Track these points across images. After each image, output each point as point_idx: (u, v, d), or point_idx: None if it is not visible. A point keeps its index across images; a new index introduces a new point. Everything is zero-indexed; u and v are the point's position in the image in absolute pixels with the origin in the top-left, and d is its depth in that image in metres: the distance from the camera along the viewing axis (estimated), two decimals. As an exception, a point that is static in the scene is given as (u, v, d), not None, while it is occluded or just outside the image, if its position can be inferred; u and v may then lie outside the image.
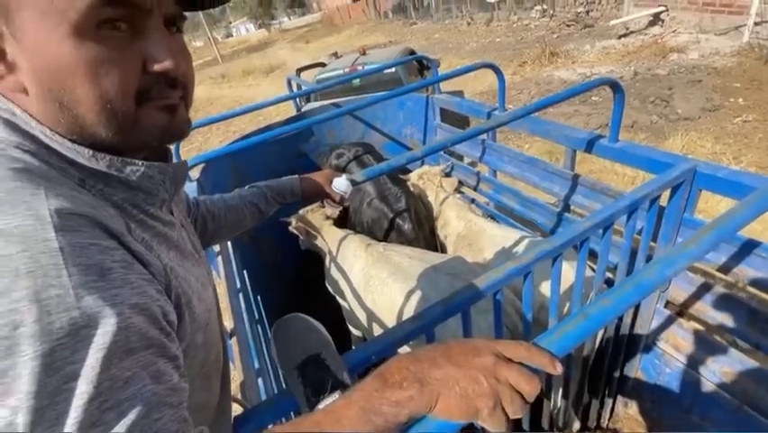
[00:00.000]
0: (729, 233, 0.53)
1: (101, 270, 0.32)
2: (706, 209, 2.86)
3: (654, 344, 1.37)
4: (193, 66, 0.48)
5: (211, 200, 0.82)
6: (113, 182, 0.41)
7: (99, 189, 0.40)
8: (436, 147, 1.07)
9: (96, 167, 0.40)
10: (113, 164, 0.40)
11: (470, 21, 14.27)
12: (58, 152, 0.38)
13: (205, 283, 0.51)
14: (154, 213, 0.46)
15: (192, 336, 0.44)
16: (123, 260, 0.35)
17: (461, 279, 1.32)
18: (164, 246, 0.45)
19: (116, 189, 0.41)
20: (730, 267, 1.06)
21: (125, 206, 0.42)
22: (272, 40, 29.41)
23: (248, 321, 1.32)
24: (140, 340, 0.33)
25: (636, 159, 1.21)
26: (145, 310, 0.34)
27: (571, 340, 0.41)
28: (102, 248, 0.33)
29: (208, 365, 0.50)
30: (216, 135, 7.42)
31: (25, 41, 0.35)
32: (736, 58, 5.43)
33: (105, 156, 0.40)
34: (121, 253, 0.35)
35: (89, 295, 0.30)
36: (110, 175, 0.41)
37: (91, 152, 0.39)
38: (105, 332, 0.30)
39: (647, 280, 0.45)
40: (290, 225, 1.92)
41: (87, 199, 0.36)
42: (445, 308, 0.79)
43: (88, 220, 0.34)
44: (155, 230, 0.45)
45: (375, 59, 4.41)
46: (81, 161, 0.39)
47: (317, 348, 0.65)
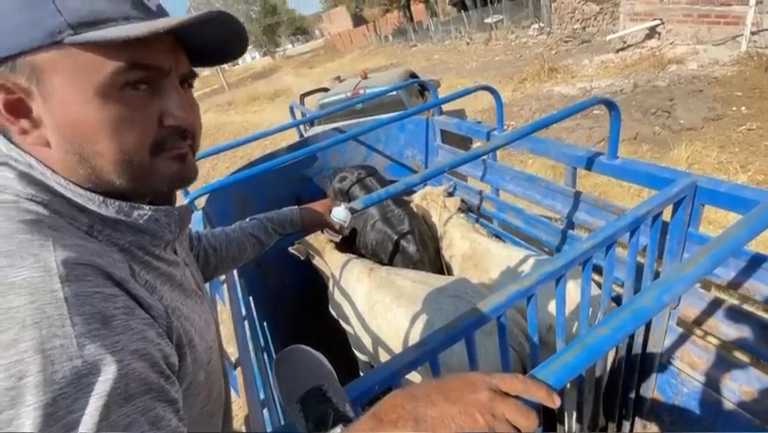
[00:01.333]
0: (727, 254, 0.52)
1: (104, 317, 0.33)
2: (717, 219, 2.82)
3: (670, 362, 1.33)
4: (200, 115, 0.51)
5: (212, 234, 0.83)
6: (120, 227, 0.43)
7: (107, 235, 0.42)
8: (433, 172, 1.08)
9: (105, 213, 0.42)
10: (121, 210, 0.43)
11: (469, 41, 14.60)
12: (70, 200, 0.41)
13: (207, 321, 0.52)
14: (159, 254, 0.48)
15: (194, 376, 0.45)
16: (126, 306, 0.36)
17: (465, 301, 1.31)
18: (168, 286, 0.47)
19: (124, 234, 0.44)
20: (740, 282, 1.04)
21: (132, 249, 0.44)
22: (277, 66, 30.29)
23: (253, 349, 1.31)
24: (139, 386, 0.33)
25: (636, 175, 1.21)
26: (145, 355, 0.35)
27: (569, 371, 0.41)
28: (105, 295, 0.35)
29: (210, 403, 0.51)
30: (224, 161, 7.57)
31: (53, 100, 0.38)
32: (735, 67, 5.46)
33: (115, 202, 0.43)
34: (123, 299, 0.36)
35: (92, 343, 0.32)
36: (118, 220, 0.43)
37: (102, 198, 0.42)
38: (106, 379, 0.31)
39: (645, 307, 0.44)
40: (291, 247, 1.94)
41: (93, 247, 0.38)
42: (448, 334, 0.78)
43: (93, 269, 0.35)
44: (159, 270, 0.47)
45: (377, 82, 4.51)
46: (92, 207, 0.41)
47: (319, 380, 0.64)
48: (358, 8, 30.21)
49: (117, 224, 0.43)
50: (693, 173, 1.07)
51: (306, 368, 0.64)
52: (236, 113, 14.28)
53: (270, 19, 39.99)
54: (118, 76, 0.39)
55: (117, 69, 0.39)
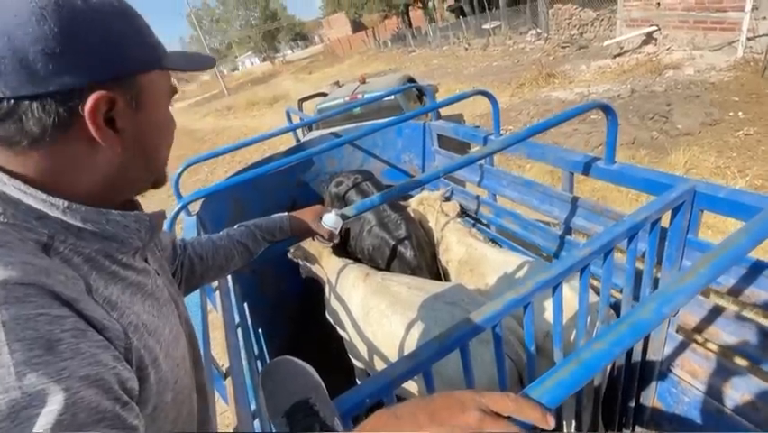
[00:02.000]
0: (729, 263, 0.50)
1: (48, 342, 0.31)
2: (715, 224, 2.80)
3: (670, 370, 1.31)
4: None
5: (199, 242, 0.81)
6: (85, 234, 0.41)
7: (70, 244, 0.40)
8: (429, 177, 1.06)
9: (69, 220, 0.40)
10: (88, 216, 0.41)
11: (467, 46, 14.68)
12: (29, 208, 0.38)
13: (177, 335, 0.50)
14: (127, 261, 0.46)
15: (159, 397, 0.42)
16: (75, 328, 0.33)
17: (460, 308, 1.29)
18: (138, 296, 0.45)
19: (89, 242, 0.42)
20: (740, 289, 1.02)
21: (98, 257, 0.42)
22: (276, 72, 30.42)
23: (246, 358, 1.28)
24: (90, 415, 0.31)
25: (633, 180, 1.19)
26: (97, 381, 0.32)
27: (565, 389, 0.39)
28: (51, 318, 0.32)
29: (180, 424, 0.48)
30: (222, 165, 7.55)
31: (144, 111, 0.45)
32: (732, 72, 5.48)
33: (81, 207, 0.41)
34: (72, 320, 0.34)
35: (32, 372, 0.29)
36: (82, 228, 0.41)
37: (66, 203, 0.40)
38: (50, 411, 0.29)
39: (643, 321, 0.42)
40: (289, 252, 1.91)
41: (42, 264, 0.35)
42: (442, 344, 0.76)
43: (37, 289, 0.33)
44: (127, 280, 0.45)
45: (375, 87, 4.51)
46: (54, 213, 0.39)
47: (306, 393, 0.62)
48: (357, 14, 30.41)
49: (81, 231, 0.41)
50: (691, 179, 1.06)
51: (293, 380, 0.61)
52: (235, 117, 14.30)
53: (270, 24, 40.22)
54: (172, 96, 0.51)
55: (173, 90, 0.50)
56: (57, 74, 0.37)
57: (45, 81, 0.36)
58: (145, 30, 0.45)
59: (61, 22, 0.37)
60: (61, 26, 0.37)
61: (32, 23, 0.36)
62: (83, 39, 0.38)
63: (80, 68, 0.38)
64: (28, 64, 0.36)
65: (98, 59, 0.39)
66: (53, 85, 0.37)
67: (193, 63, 0.51)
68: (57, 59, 0.37)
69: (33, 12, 0.36)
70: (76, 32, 0.38)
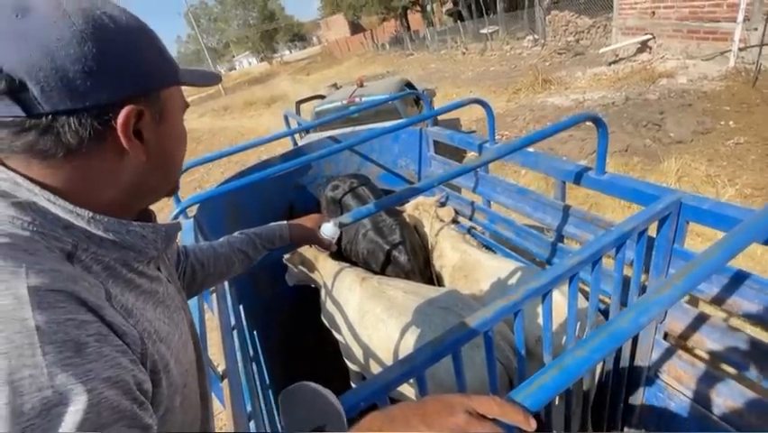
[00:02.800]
0: (706, 274, 0.53)
1: (76, 345, 0.33)
2: (704, 232, 2.86)
3: (657, 376, 1.34)
4: None
5: (200, 249, 0.83)
6: (106, 243, 0.44)
7: (92, 252, 0.43)
8: (425, 185, 1.09)
9: (92, 230, 0.43)
10: (110, 226, 0.44)
11: (464, 51, 14.77)
12: (56, 218, 0.41)
13: (185, 342, 0.52)
14: (142, 270, 0.49)
15: (170, 401, 0.44)
16: (98, 333, 0.36)
17: (454, 313, 1.32)
18: (150, 303, 0.47)
19: (109, 250, 0.44)
20: (724, 298, 1.06)
21: (116, 265, 0.45)
22: (274, 72, 30.39)
23: (242, 360, 1.30)
24: (111, 414, 0.33)
25: (622, 190, 1.23)
26: (118, 383, 0.35)
27: (546, 393, 0.41)
28: (78, 322, 0.34)
29: (187, 427, 0.50)
30: (218, 166, 7.53)
31: (165, 123, 0.49)
32: (723, 82, 5.57)
33: (104, 218, 0.44)
34: (96, 325, 0.36)
35: (63, 372, 0.31)
36: (104, 238, 0.44)
37: (91, 213, 0.43)
38: (77, 410, 0.31)
39: (621, 329, 0.45)
40: (285, 257, 1.93)
41: (69, 272, 0.38)
42: (435, 349, 0.79)
43: (66, 295, 0.35)
44: (142, 288, 0.47)
45: (372, 90, 4.54)
46: (79, 223, 0.42)
47: (322, 420, 0.63)
48: (356, 16, 30.50)
49: (103, 241, 0.44)
50: (678, 190, 1.09)
51: (311, 406, 0.62)
52: (232, 118, 14.28)
53: (268, 25, 40.19)
54: (184, 108, 0.54)
55: (185, 103, 0.54)
56: (94, 90, 0.40)
57: (83, 97, 0.40)
58: (162, 47, 0.48)
59: (99, 43, 0.40)
60: (98, 47, 0.40)
61: (73, 44, 0.39)
62: (116, 58, 0.42)
63: (114, 84, 0.42)
64: (68, 82, 0.39)
65: (128, 76, 0.43)
66: (90, 100, 0.40)
67: (202, 78, 0.55)
68: (94, 77, 0.40)
69: (75, 35, 0.39)
70: (110, 51, 0.41)
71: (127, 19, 0.44)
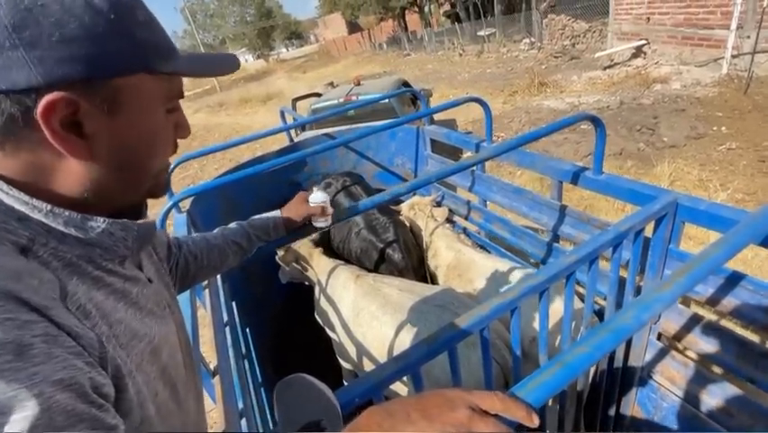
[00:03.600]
0: (705, 273, 0.53)
1: (18, 347, 0.30)
2: (696, 235, 2.88)
3: (650, 377, 1.35)
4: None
5: (193, 241, 0.81)
6: (68, 239, 0.40)
7: (52, 248, 0.39)
8: (421, 182, 1.08)
9: (51, 224, 0.39)
10: (71, 221, 0.40)
11: (461, 52, 14.81)
12: (8, 209, 0.37)
13: (158, 346, 0.47)
14: (112, 268, 0.44)
15: (142, 410, 0.41)
16: (46, 333, 0.32)
17: (449, 311, 1.31)
18: (121, 304, 0.43)
19: (72, 246, 0.40)
20: (718, 299, 1.06)
21: (80, 262, 0.41)
22: (270, 70, 30.25)
23: (234, 357, 1.28)
24: (67, 418, 0.30)
25: (619, 191, 1.23)
26: (72, 385, 0.31)
27: (548, 390, 0.41)
28: (20, 323, 0.31)
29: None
30: (212, 162, 7.48)
31: (124, 118, 0.41)
32: (716, 88, 5.64)
33: (64, 212, 0.39)
34: (43, 325, 0.32)
35: (1, 379, 0.28)
36: (65, 233, 0.40)
37: (50, 207, 0.39)
38: (24, 417, 0.28)
39: (624, 326, 0.45)
40: (277, 256, 1.91)
41: (14, 268, 0.34)
42: (430, 346, 0.78)
43: (3, 294, 0.32)
44: (112, 287, 0.43)
45: (369, 89, 4.53)
46: (36, 216, 0.38)
47: (318, 414, 0.61)
48: (353, 15, 30.46)
49: (65, 236, 0.40)
50: (675, 191, 1.10)
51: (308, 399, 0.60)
52: (227, 114, 14.18)
53: (265, 22, 39.99)
54: (172, 101, 0.47)
55: (178, 94, 0.47)
56: (6, 70, 0.34)
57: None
58: (134, 28, 0.40)
59: (15, 13, 0.34)
60: (14, 18, 0.34)
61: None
62: (39, 34, 0.35)
63: (34, 65, 0.35)
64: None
65: (56, 58, 0.35)
66: (3, 83, 0.34)
67: (202, 67, 0.47)
68: (7, 54, 0.34)
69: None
70: (31, 25, 0.34)
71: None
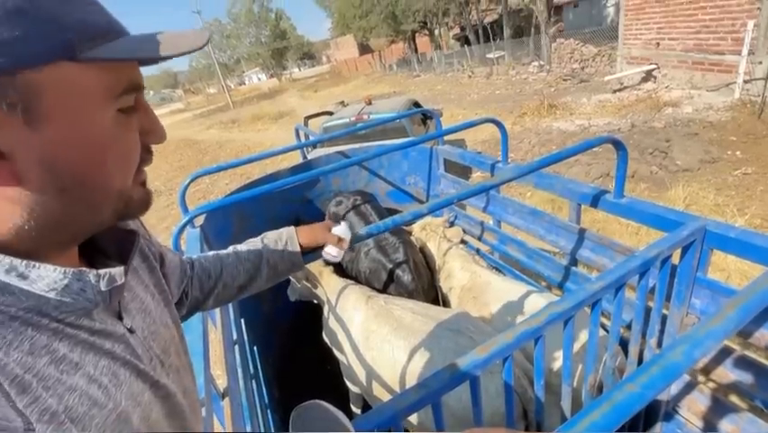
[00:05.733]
0: (757, 306, 0.50)
1: None
2: (716, 261, 2.81)
3: (676, 411, 1.28)
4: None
5: (206, 258, 0.78)
6: (12, 289, 0.33)
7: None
8: (441, 203, 1.06)
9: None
10: (12, 269, 0.33)
11: (470, 74, 15.04)
12: None
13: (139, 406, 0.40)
14: (74, 322, 0.37)
15: None
16: None
17: (465, 336, 1.27)
18: (90, 356, 0.37)
19: (18, 298, 0.33)
20: (751, 331, 1.01)
21: (29, 316, 0.33)
22: (282, 88, 30.98)
23: (242, 377, 1.25)
24: None
25: (643, 215, 1.20)
26: None
27: (597, 431, 0.37)
28: None
29: None
30: (223, 177, 7.57)
31: (48, 127, 0.32)
32: (729, 112, 5.61)
33: (4, 258, 0.33)
34: None
35: None
36: (8, 283, 0.33)
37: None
38: None
39: (675, 363, 0.41)
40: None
41: None
42: (453, 374, 0.74)
43: None
44: (77, 338, 0.36)
45: (380, 108, 4.59)
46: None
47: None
48: (365, 37, 31.26)
49: (8, 286, 0.33)
50: (702, 217, 1.06)
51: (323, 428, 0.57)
52: (239, 131, 14.46)
53: (279, 43, 41.24)
54: (121, 97, 0.36)
55: (129, 87, 0.36)
56: None
57: None
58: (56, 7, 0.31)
59: None
60: None
61: None
62: None
63: None
64: None
65: None
66: None
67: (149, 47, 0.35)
68: None
69: None
70: None
71: None
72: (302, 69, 55.42)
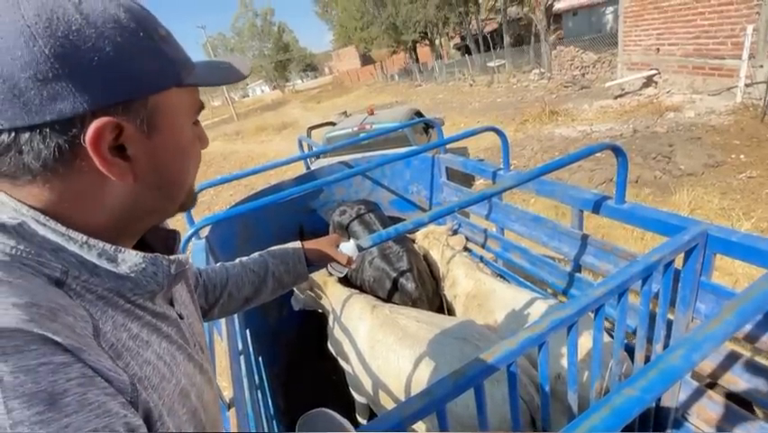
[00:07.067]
0: (756, 310, 0.50)
1: (50, 396, 0.28)
2: (723, 266, 2.78)
3: (685, 418, 1.26)
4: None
5: (213, 269, 0.80)
6: (100, 271, 0.39)
7: (84, 281, 0.37)
8: (443, 211, 1.07)
9: (85, 255, 0.38)
10: (104, 253, 0.39)
11: (472, 82, 15.16)
12: (44, 240, 0.36)
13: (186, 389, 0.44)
14: (142, 303, 0.43)
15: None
16: (82, 374, 0.30)
17: (471, 344, 1.27)
18: (154, 337, 0.42)
19: (102, 279, 0.39)
20: (758, 336, 1.01)
21: (111, 296, 0.39)
22: (285, 100, 31.33)
23: (248, 387, 1.25)
24: None
25: (644, 221, 1.20)
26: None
27: (597, 436, 0.38)
28: (53, 367, 0.29)
29: None
30: (228, 188, 7.64)
31: (160, 136, 0.41)
32: (732, 116, 5.61)
33: (98, 243, 0.38)
34: (78, 366, 0.30)
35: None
36: (98, 265, 0.38)
37: (86, 237, 0.38)
38: None
39: (674, 366, 0.42)
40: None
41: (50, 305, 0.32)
42: (456, 381, 0.75)
43: (37, 337, 0.29)
44: (143, 320, 0.42)
45: (382, 118, 4.63)
46: (72, 248, 0.37)
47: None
48: (366, 48, 31.66)
49: (97, 268, 0.38)
50: (704, 221, 1.07)
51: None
52: (243, 142, 14.61)
53: (282, 56, 41.83)
54: (197, 113, 0.47)
55: (200, 106, 0.47)
56: (52, 101, 0.33)
57: (41, 110, 0.33)
58: (161, 44, 0.40)
59: (54, 42, 0.33)
60: (54, 47, 0.33)
61: (19, 45, 0.32)
62: (79, 60, 0.34)
63: (78, 93, 0.34)
64: (20, 92, 0.32)
65: (98, 82, 0.35)
66: (50, 114, 0.33)
67: (219, 76, 0.47)
68: (51, 85, 0.33)
69: (22, 32, 0.32)
70: (71, 52, 0.33)
71: (105, 9, 0.36)
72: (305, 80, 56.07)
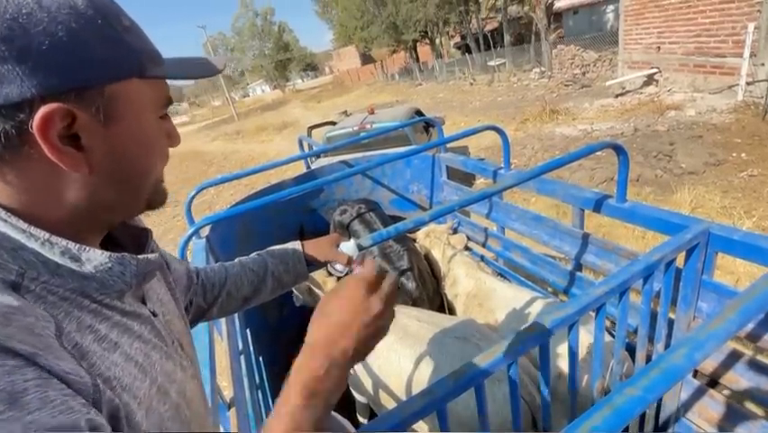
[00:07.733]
0: (758, 308, 0.50)
1: (10, 395, 0.27)
2: (725, 265, 2.77)
3: (687, 418, 1.26)
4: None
5: (211, 269, 0.80)
6: (63, 270, 0.37)
7: (43, 282, 0.36)
8: (443, 210, 1.07)
9: (46, 254, 0.37)
10: (66, 251, 0.37)
11: (472, 81, 15.14)
12: (2, 238, 0.35)
13: (164, 387, 0.44)
14: (110, 303, 0.42)
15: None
16: (38, 376, 0.30)
17: (471, 343, 1.26)
18: (125, 337, 0.41)
19: (65, 279, 0.38)
20: (760, 335, 1.00)
21: (74, 297, 0.38)
22: (286, 99, 31.33)
23: (248, 387, 1.25)
24: None
25: (646, 219, 1.19)
26: (72, 430, 0.29)
27: (598, 437, 0.38)
28: (9, 368, 0.29)
29: None
30: (228, 187, 7.63)
31: (118, 127, 0.40)
32: (733, 115, 5.59)
33: (61, 241, 0.37)
34: (32, 369, 0.30)
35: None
36: (60, 264, 0.37)
37: (48, 235, 0.36)
38: None
39: (676, 366, 0.41)
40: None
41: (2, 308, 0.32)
42: (457, 381, 0.74)
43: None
44: (112, 320, 0.41)
45: (383, 117, 4.63)
46: (32, 245, 0.36)
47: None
48: (367, 48, 31.63)
49: (59, 267, 0.37)
50: (705, 220, 1.06)
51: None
52: (244, 142, 14.61)
53: (282, 55, 41.82)
54: (163, 108, 0.45)
55: (166, 101, 0.46)
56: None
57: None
58: (122, 33, 0.39)
59: (1, 24, 0.32)
60: (1, 29, 0.32)
61: None
62: (28, 44, 0.33)
63: (26, 77, 0.33)
64: None
65: (49, 67, 0.34)
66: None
67: (189, 70, 0.46)
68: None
69: None
70: (19, 35, 0.33)
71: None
72: (305, 80, 56.07)
